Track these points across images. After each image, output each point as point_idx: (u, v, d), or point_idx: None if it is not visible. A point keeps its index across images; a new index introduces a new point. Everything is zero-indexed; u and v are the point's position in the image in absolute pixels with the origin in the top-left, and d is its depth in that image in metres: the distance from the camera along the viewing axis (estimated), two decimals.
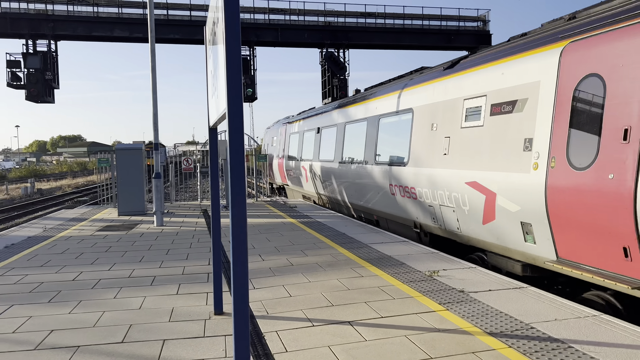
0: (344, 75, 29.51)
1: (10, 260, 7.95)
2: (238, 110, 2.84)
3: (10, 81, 26.68)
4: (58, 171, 70.45)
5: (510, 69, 6.92)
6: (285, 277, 6.63)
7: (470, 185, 7.40)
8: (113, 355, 4.18)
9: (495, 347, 4.16)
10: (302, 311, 5.22)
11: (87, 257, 8.09)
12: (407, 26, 30.98)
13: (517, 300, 5.34)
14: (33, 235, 10.29)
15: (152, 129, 12.11)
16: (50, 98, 27.68)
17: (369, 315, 5.03)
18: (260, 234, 9.97)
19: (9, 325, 4.92)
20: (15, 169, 66.73)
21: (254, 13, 29.39)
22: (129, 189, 13.57)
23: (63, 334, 4.67)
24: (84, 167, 76.39)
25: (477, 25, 32.02)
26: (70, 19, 27.40)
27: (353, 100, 13.68)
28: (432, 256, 7.64)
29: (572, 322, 4.64)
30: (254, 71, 28.70)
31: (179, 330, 4.75)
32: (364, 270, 6.83)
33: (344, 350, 4.18)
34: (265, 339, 4.49)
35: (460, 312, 5.04)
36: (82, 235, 10.22)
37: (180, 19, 28.63)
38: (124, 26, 27.77)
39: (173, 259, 7.92)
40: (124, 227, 11.38)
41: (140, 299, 5.79)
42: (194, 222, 11.93)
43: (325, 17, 30.32)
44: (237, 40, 2.82)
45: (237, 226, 2.85)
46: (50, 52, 27.26)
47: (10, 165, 78.78)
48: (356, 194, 12.43)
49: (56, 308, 5.47)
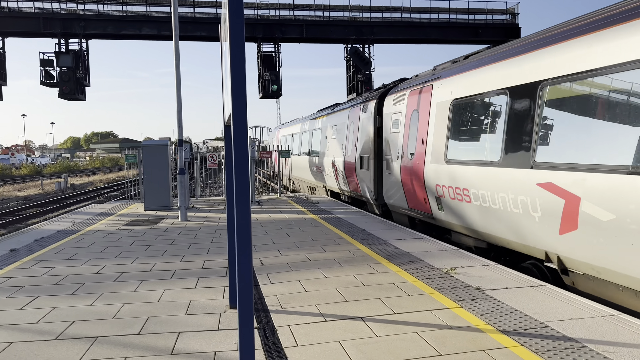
0: (368, 70, 29.37)
1: (39, 252, 8.23)
2: (242, 108, 2.88)
3: (44, 79, 27.50)
4: (91, 167, 72.41)
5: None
6: (302, 272, 6.68)
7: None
8: (129, 346, 4.30)
9: (507, 345, 4.12)
10: (316, 306, 5.26)
11: (111, 251, 8.31)
12: (433, 20, 30.60)
13: (534, 299, 5.27)
14: (62, 229, 10.63)
15: (177, 126, 12.33)
16: (81, 95, 28.41)
17: (382, 312, 5.03)
18: (281, 230, 10.05)
19: (33, 316, 5.11)
20: (51, 164, 68.86)
21: (279, 9, 29.50)
22: (155, 185, 13.84)
23: (83, 325, 4.83)
24: (115, 162, 78.34)
25: (505, 18, 31.40)
26: (101, 18, 28.04)
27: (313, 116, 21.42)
28: (451, 253, 7.58)
29: (588, 321, 4.55)
30: (279, 67, 28.82)
31: (194, 323, 4.86)
32: (380, 267, 6.83)
33: (354, 346, 4.20)
34: (278, 332, 4.55)
35: (474, 309, 5.00)
36: (109, 230, 10.50)
37: (206, 17, 28.95)
38: (152, 24, 28.25)
39: (194, 253, 8.07)
40: (149, 221, 11.63)
41: (160, 292, 5.93)
42: (217, 218, 12.11)
43: (350, 12, 30.20)
44: (240, 36, 2.86)
45: (241, 225, 2.91)
46: (82, 50, 27.96)
47: (45, 161, 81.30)
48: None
49: (79, 300, 5.66)
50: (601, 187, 5.29)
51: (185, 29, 26.75)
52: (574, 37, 6.12)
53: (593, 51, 5.65)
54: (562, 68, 6.15)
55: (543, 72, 6.49)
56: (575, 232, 5.72)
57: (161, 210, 13.74)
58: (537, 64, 6.64)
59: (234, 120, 2.90)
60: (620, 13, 5.56)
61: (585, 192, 5.52)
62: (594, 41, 5.70)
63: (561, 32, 6.50)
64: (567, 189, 5.78)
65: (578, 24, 6.28)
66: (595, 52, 5.60)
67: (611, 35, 5.44)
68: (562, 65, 6.16)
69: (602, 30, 5.63)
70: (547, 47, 6.58)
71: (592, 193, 5.41)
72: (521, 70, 6.98)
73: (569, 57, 6.05)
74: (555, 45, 6.41)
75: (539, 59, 6.64)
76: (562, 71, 6.13)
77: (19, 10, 27.37)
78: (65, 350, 4.22)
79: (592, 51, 5.66)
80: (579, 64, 5.85)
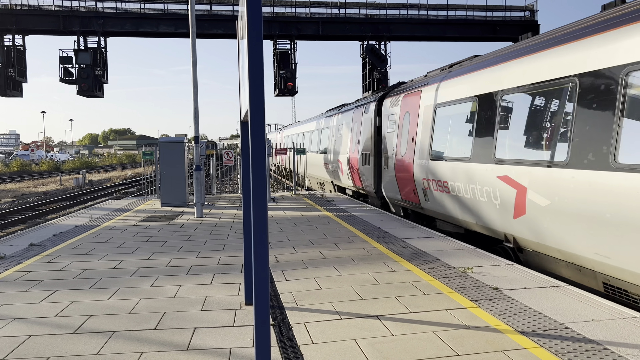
0: (384, 68, 29.11)
1: (58, 247, 8.34)
2: (259, 105, 2.87)
3: (63, 76, 27.81)
4: (108, 163, 73.27)
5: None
6: (317, 269, 6.66)
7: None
8: (145, 341, 4.33)
9: (526, 346, 4.05)
10: (332, 304, 5.24)
11: (128, 246, 8.38)
12: (451, 17, 30.25)
13: (553, 299, 5.18)
14: (80, 225, 10.75)
15: (193, 123, 12.39)
16: (99, 93, 28.69)
17: (398, 310, 4.99)
18: (296, 227, 10.04)
19: (52, 310, 5.17)
20: (69, 160, 69.85)
21: (295, 7, 29.42)
22: (171, 181, 13.94)
23: (100, 320, 4.87)
24: (132, 159, 79.12)
25: (524, 15, 30.93)
26: (119, 15, 28.27)
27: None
28: (468, 252, 7.49)
29: (610, 323, 4.46)
30: (295, 65, 28.78)
31: (210, 319, 4.87)
32: (396, 265, 6.78)
33: (369, 344, 4.17)
34: (293, 330, 4.54)
35: (492, 309, 4.93)
36: (126, 225, 10.59)
37: (223, 14, 29.01)
38: (169, 22, 28.40)
39: (210, 249, 8.10)
40: (166, 218, 11.72)
41: (176, 287, 5.96)
42: (233, 214, 12.15)
43: (366, 9, 30.02)
44: (258, 32, 2.84)
45: (257, 221, 2.89)
46: (100, 48, 28.24)
47: (64, 158, 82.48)
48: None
49: (96, 294, 5.71)
50: (541, 179, 6.47)
51: (202, 27, 26.85)
52: (521, 55, 7.48)
53: (533, 67, 7.02)
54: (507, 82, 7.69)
55: (500, 84, 7.90)
56: (524, 216, 6.95)
57: (177, 206, 13.83)
58: (497, 75, 8.02)
59: (251, 116, 2.89)
60: (553, 39, 6.93)
61: (530, 183, 6.72)
62: (534, 60, 7.07)
63: (514, 50, 7.95)
64: (518, 180, 6.98)
65: (527, 45, 7.62)
66: (534, 69, 6.98)
67: (548, 55, 6.75)
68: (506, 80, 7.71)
69: (540, 52, 6.98)
70: (503, 63, 7.98)
71: (536, 183, 6.58)
72: (485, 81, 8.36)
73: (517, 72, 7.44)
74: (510, 61, 7.79)
75: (498, 72, 8.01)
76: (512, 84, 7.54)
77: (39, 9, 27.74)
78: (83, 345, 4.26)
79: (532, 67, 7.03)
80: (524, 78, 7.26)
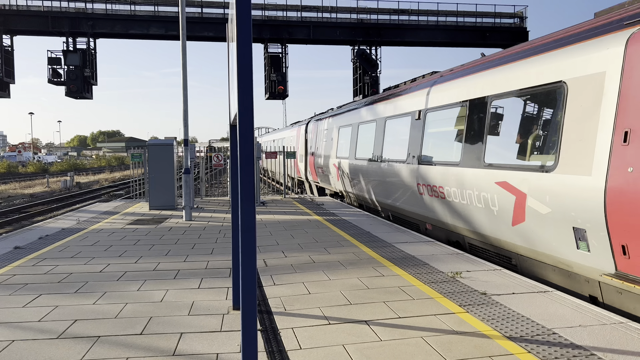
0: (375, 72, 29.24)
1: (43, 250, 8.23)
2: (248, 108, 2.84)
3: (52, 78, 27.58)
4: (97, 165, 72.69)
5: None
6: (306, 274, 6.63)
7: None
8: (131, 346, 4.27)
9: (514, 351, 4.05)
10: (320, 309, 5.21)
11: (115, 250, 8.29)
12: (441, 23, 30.48)
13: (541, 305, 5.19)
14: (67, 227, 10.62)
15: (183, 125, 12.31)
16: (88, 94, 28.49)
17: (387, 315, 4.98)
18: (285, 231, 10.00)
19: (35, 314, 5.09)
20: (57, 162, 69.17)
21: (286, 11, 29.46)
22: (160, 184, 13.85)
23: (85, 324, 4.80)
24: (121, 161, 78.57)
25: (513, 22, 31.24)
26: (109, 17, 28.11)
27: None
28: (457, 257, 7.51)
29: (596, 329, 4.48)
30: (286, 68, 28.80)
31: (197, 324, 4.81)
32: (385, 270, 6.77)
33: (358, 350, 4.15)
34: (281, 335, 4.50)
35: (481, 314, 4.94)
36: (113, 228, 10.49)
37: (214, 17, 28.96)
38: (160, 24, 28.29)
39: (198, 253, 8.04)
40: (154, 221, 11.62)
41: (163, 292, 5.89)
42: (222, 218, 12.08)
43: (357, 14, 30.13)
44: (248, 35, 2.82)
45: (245, 224, 2.86)
46: (89, 49, 28.05)
47: (52, 159, 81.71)
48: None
49: (82, 298, 5.63)
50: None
51: (193, 29, 26.78)
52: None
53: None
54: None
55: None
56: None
57: (166, 209, 13.73)
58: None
59: (239, 119, 2.86)
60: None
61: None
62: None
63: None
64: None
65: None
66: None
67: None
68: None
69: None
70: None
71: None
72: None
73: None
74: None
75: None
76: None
77: (28, 9, 27.49)
78: (67, 350, 4.19)
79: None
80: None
